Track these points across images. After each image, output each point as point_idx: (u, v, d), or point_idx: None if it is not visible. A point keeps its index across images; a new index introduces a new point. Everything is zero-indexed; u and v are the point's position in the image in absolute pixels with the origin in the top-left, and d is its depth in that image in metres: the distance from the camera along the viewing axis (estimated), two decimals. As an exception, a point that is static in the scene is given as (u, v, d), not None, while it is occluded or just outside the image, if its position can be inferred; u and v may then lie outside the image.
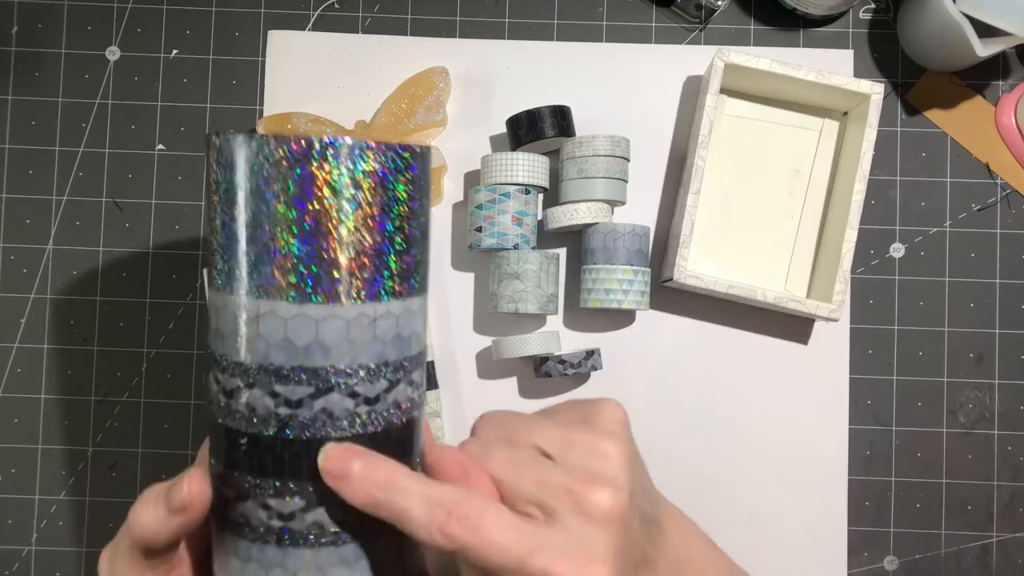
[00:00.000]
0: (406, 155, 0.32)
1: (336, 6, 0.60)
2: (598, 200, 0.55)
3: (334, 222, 0.30)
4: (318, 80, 0.59)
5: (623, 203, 0.57)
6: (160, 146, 0.60)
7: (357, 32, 0.60)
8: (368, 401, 0.31)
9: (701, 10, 0.60)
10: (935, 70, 0.60)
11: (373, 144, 0.31)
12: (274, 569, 0.31)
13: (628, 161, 0.56)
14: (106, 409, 0.59)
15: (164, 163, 0.60)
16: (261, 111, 0.60)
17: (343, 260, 0.30)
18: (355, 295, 0.31)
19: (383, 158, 0.31)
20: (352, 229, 0.30)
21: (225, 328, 0.31)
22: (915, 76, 0.60)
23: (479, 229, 0.55)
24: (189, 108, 0.60)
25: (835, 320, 0.54)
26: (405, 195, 0.32)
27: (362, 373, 0.31)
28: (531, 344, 0.55)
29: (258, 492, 0.31)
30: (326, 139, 0.30)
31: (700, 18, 0.60)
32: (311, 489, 0.31)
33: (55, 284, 0.59)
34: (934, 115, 0.60)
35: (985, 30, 0.54)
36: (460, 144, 0.59)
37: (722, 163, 0.59)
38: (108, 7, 0.60)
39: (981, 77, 0.60)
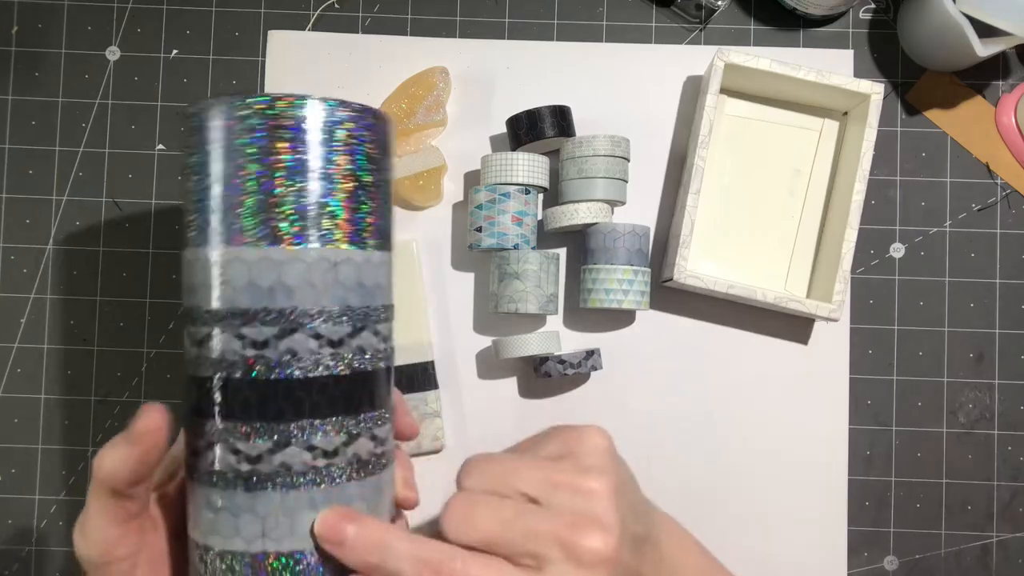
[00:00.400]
0: (370, 117, 0.34)
1: (336, 6, 0.60)
2: (598, 200, 0.55)
3: (296, 173, 0.32)
4: (318, 80, 0.59)
5: (623, 203, 0.57)
6: (160, 146, 0.60)
7: (357, 32, 0.60)
8: (332, 343, 0.33)
9: (701, 10, 0.60)
10: (935, 70, 0.60)
11: (338, 102, 0.33)
12: (243, 515, 0.32)
13: (628, 161, 0.56)
14: (106, 409, 0.59)
15: (164, 163, 0.60)
16: (261, 111, 0.59)
17: (306, 208, 0.32)
18: (316, 240, 0.32)
19: (349, 118, 0.33)
20: (315, 180, 0.32)
21: (196, 280, 0.33)
22: (915, 76, 0.60)
23: (479, 229, 0.55)
24: (189, 108, 0.60)
25: (835, 320, 0.54)
26: (368, 153, 0.34)
27: (325, 315, 0.32)
28: (531, 344, 0.55)
29: (226, 437, 0.32)
30: (292, 95, 0.32)
31: (700, 18, 0.60)
32: (278, 430, 0.32)
33: (55, 284, 0.59)
34: (934, 115, 0.60)
35: (985, 30, 0.54)
36: (460, 144, 0.59)
37: (722, 163, 0.59)
38: (108, 7, 0.60)
39: (981, 77, 0.60)
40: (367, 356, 0.34)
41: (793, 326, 0.59)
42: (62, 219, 0.59)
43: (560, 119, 0.56)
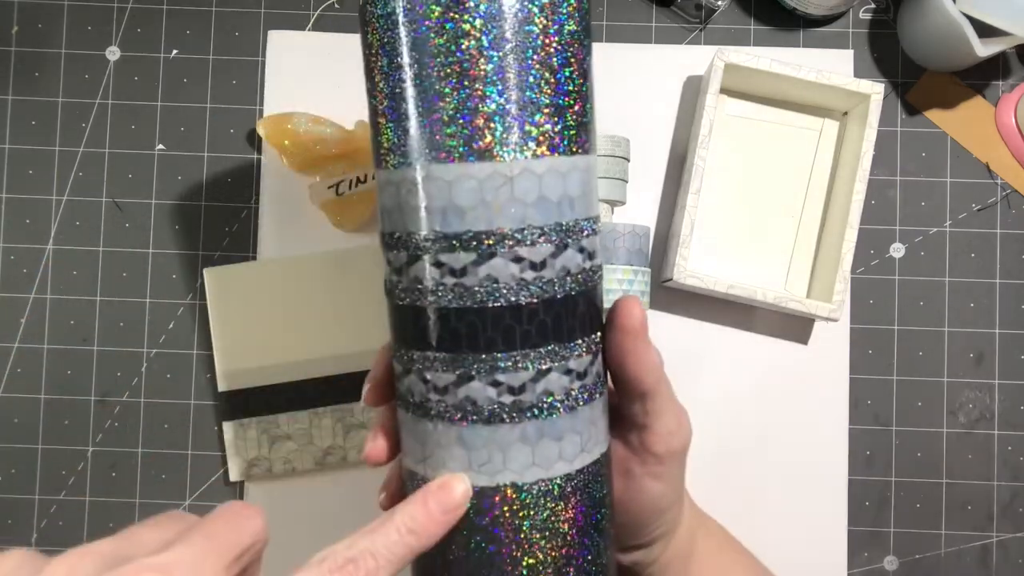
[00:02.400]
0: None
1: (336, 6, 0.60)
2: (598, 200, 0.55)
3: (492, 69, 0.28)
4: (318, 80, 0.59)
5: (623, 203, 0.57)
6: (160, 146, 0.60)
7: (357, 32, 0.60)
8: (535, 266, 0.30)
9: (701, 10, 0.60)
10: (935, 70, 0.60)
11: None
12: (452, 448, 0.30)
13: (628, 161, 0.56)
14: (106, 409, 0.59)
15: (164, 163, 0.60)
16: (261, 111, 0.60)
17: (507, 110, 0.29)
18: (520, 150, 0.29)
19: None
20: (517, 76, 0.29)
21: (389, 203, 0.30)
22: (915, 76, 0.60)
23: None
24: (189, 108, 0.60)
25: (835, 320, 0.54)
26: (577, 36, 0.30)
27: (529, 235, 0.29)
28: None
29: (427, 368, 0.30)
30: None
31: (700, 18, 0.60)
32: (480, 361, 0.30)
33: (55, 284, 0.59)
34: (934, 115, 0.60)
35: (985, 30, 0.54)
36: (460, 144, 0.59)
37: (722, 163, 0.59)
38: (108, 7, 0.60)
39: (981, 77, 0.60)
40: (573, 275, 0.31)
41: (793, 326, 0.59)
42: (62, 219, 0.59)
43: (560, 119, 0.56)
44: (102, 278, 0.59)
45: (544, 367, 0.30)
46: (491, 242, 0.29)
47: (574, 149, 0.30)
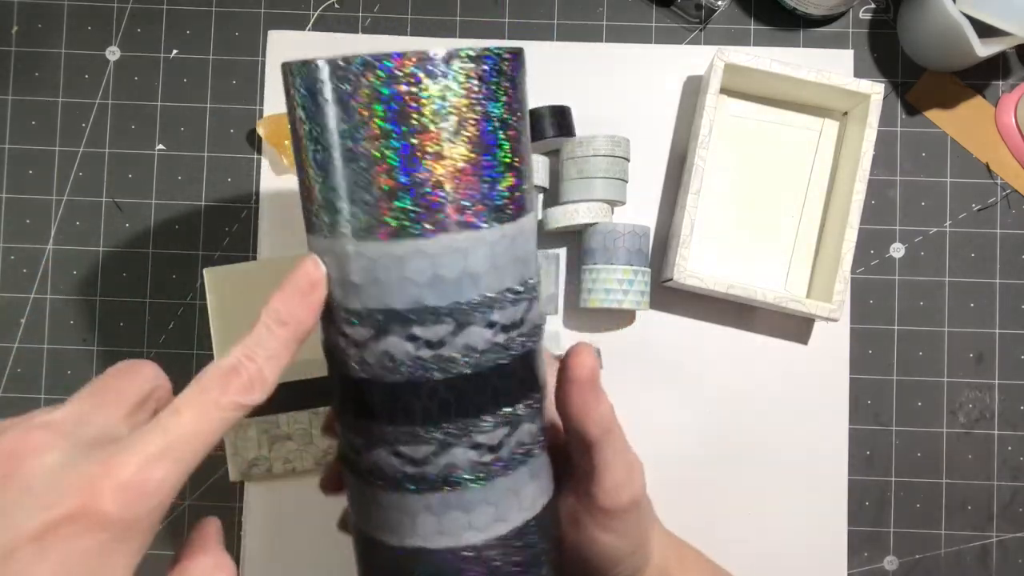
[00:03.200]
0: (506, 59, 0.29)
1: (336, 6, 0.60)
2: (598, 200, 0.55)
3: (448, 145, 0.27)
4: (318, 80, 0.59)
5: (623, 203, 0.57)
6: (160, 146, 0.60)
7: (357, 32, 0.60)
8: (516, 326, 0.30)
9: (701, 10, 0.60)
10: (935, 70, 0.60)
11: (471, 56, 0.28)
12: (355, 494, 0.31)
13: (628, 161, 0.56)
14: (106, 409, 0.58)
15: (164, 163, 0.60)
16: (261, 111, 0.60)
17: (494, 176, 0.28)
18: (494, 216, 0.28)
19: (487, 64, 0.28)
20: (470, 148, 0.28)
21: (364, 277, 0.29)
22: (915, 76, 0.60)
23: (479, 229, 0.55)
24: (189, 108, 0.60)
25: (835, 320, 0.54)
26: (513, 102, 0.29)
27: (504, 299, 0.29)
28: (531, 344, 0.55)
29: (391, 441, 0.30)
30: (430, 54, 0.27)
31: (700, 18, 0.60)
32: (449, 431, 0.29)
33: (55, 284, 0.59)
34: (934, 115, 0.60)
35: (985, 30, 0.54)
36: (460, 144, 0.59)
37: (722, 163, 0.59)
38: (108, 7, 0.60)
39: (981, 77, 0.60)
40: (538, 327, 0.31)
41: (793, 326, 0.59)
42: (62, 219, 0.59)
43: (560, 119, 0.56)
44: (102, 278, 0.59)
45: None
46: (382, 320, 0.29)
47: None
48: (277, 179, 0.59)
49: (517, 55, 0.29)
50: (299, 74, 0.29)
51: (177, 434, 0.26)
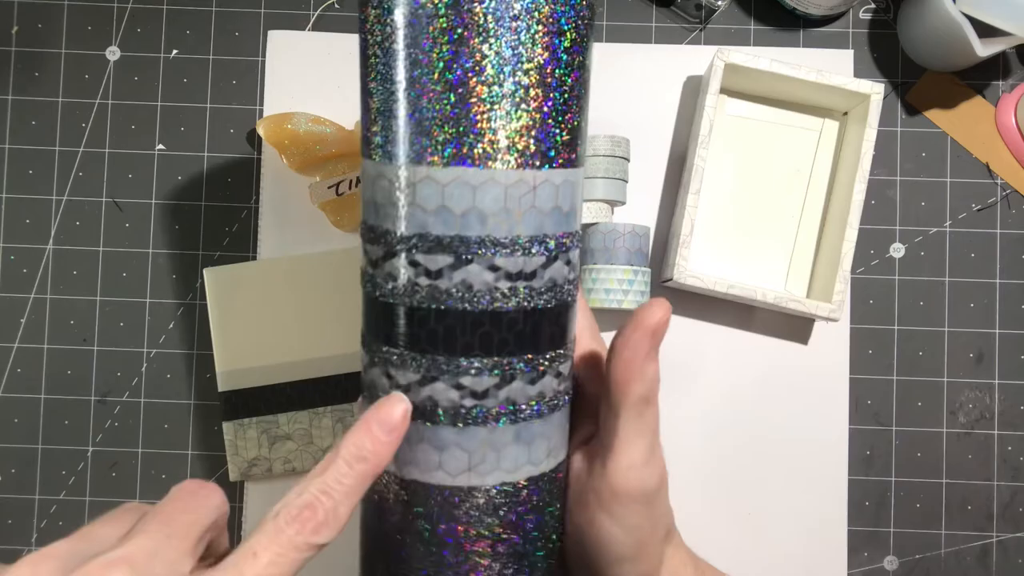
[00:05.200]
0: (580, 2, 0.29)
1: (336, 6, 0.60)
2: (598, 200, 0.55)
3: (495, 79, 0.28)
4: (318, 80, 0.59)
5: (623, 203, 0.57)
6: (160, 146, 0.60)
7: (357, 32, 0.60)
8: (519, 277, 0.29)
9: (701, 10, 0.60)
10: (935, 70, 0.60)
11: None
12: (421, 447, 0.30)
13: (628, 161, 0.56)
14: (106, 409, 0.59)
15: (164, 163, 0.60)
16: (261, 111, 0.60)
17: (506, 120, 0.28)
18: (514, 160, 0.28)
19: (555, 5, 0.28)
20: (516, 86, 0.28)
21: (371, 196, 0.30)
22: (915, 76, 0.60)
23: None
24: (189, 108, 0.60)
25: (835, 320, 0.54)
26: (574, 47, 0.29)
27: (516, 246, 0.29)
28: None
29: (391, 364, 0.30)
30: None
31: (700, 18, 0.60)
32: (454, 363, 0.30)
33: (55, 284, 0.59)
34: (934, 115, 0.60)
35: (985, 30, 0.54)
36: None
37: (722, 163, 0.59)
38: (108, 7, 0.60)
39: (981, 77, 0.60)
40: (558, 289, 0.30)
41: (793, 326, 0.59)
42: (62, 219, 0.59)
43: (560, 119, 0.56)
44: (102, 278, 0.59)
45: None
46: (472, 248, 0.29)
47: (568, 162, 0.30)
48: (277, 179, 0.59)
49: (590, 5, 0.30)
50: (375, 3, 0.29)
51: None
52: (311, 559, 0.26)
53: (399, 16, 0.28)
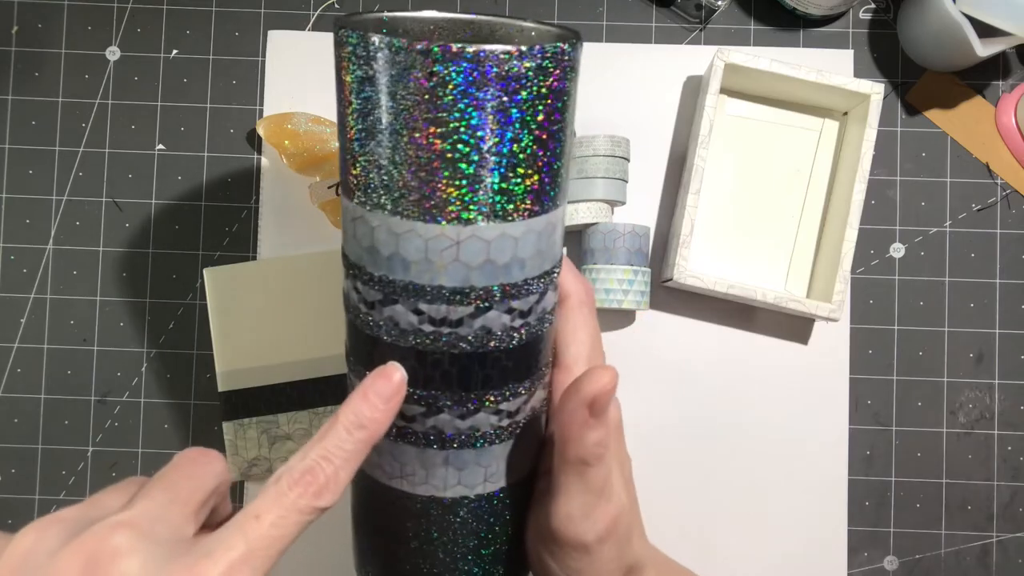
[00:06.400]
0: (570, 49, 0.29)
1: (336, 6, 0.60)
2: (598, 200, 0.55)
3: (462, 135, 0.28)
4: (318, 80, 0.59)
5: (623, 203, 0.57)
6: (160, 146, 0.60)
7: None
8: (449, 323, 0.30)
9: (701, 10, 0.60)
10: (935, 70, 0.60)
11: (512, 51, 0.27)
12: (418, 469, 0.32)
13: (628, 161, 0.56)
14: (106, 409, 0.59)
15: (164, 163, 0.60)
16: (261, 111, 0.60)
17: (434, 178, 0.28)
18: (441, 215, 0.29)
19: (548, 58, 0.28)
20: (525, 142, 0.28)
21: (343, 225, 0.31)
22: (915, 76, 0.60)
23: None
24: (189, 108, 0.60)
25: (835, 320, 0.54)
26: (566, 96, 0.29)
27: (524, 286, 0.30)
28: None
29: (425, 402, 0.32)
30: (514, 52, 0.27)
31: (700, 18, 0.60)
32: (440, 398, 0.31)
33: (55, 284, 0.59)
34: (934, 115, 0.60)
35: (985, 30, 0.54)
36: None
37: (722, 163, 0.59)
38: (108, 7, 0.60)
39: (981, 77, 0.60)
40: (495, 336, 0.31)
41: (793, 326, 0.59)
42: (62, 219, 0.59)
43: (560, 119, 0.56)
44: (102, 278, 0.59)
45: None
46: (397, 290, 0.30)
47: (518, 214, 0.29)
48: (277, 179, 0.59)
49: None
50: (384, 47, 0.27)
51: (257, 540, 0.25)
52: (311, 523, 0.27)
53: (378, 70, 0.28)
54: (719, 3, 0.59)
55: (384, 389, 0.29)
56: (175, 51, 0.60)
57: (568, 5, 0.60)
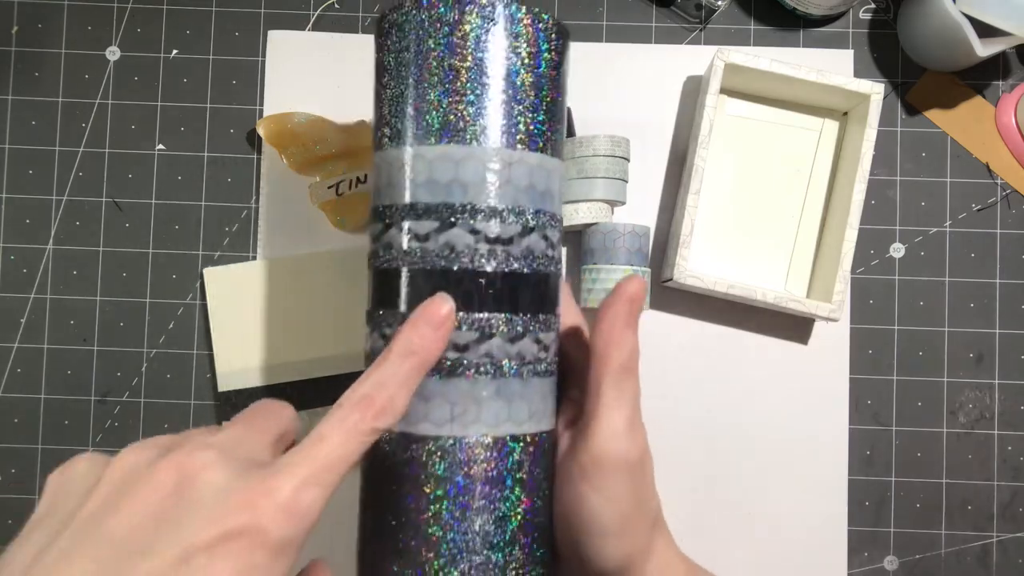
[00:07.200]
0: (554, 32, 0.36)
1: (336, 6, 0.60)
2: (598, 200, 0.55)
3: (478, 76, 0.34)
4: (318, 80, 0.59)
5: (623, 203, 0.57)
6: (160, 146, 0.60)
7: (357, 32, 0.60)
8: (498, 241, 0.34)
9: (701, 10, 0.60)
10: (935, 70, 0.60)
11: (524, 13, 0.35)
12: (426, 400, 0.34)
13: (628, 161, 0.56)
14: (106, 409, 0.59)
15: (164, 163, 0.60)
16: (261, 111, 0.60)
17: (483, 108, 0.34)
18: (496, 140, 0.34)
19: (534, 31, 0.35)
20: (495, 82, 0.34)
21: (381, 180, 0.35)
22: (915, 76, 0.60)
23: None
24: (189, 108, 0.60)
25: (835, 320, 0.54)
26: (547, 67, 0.35)
27: (494, 213, 0.34)
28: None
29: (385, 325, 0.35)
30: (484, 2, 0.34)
31: (700, 18, 0.60)
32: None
33: (55, 284, 0.59)
34: (934, 115, 0.60)
35: (985, 30, 0.54)
36: (460, 144, 0.59)
37: (722, 163, 0.59)
38: (108, 7, 0.60)
39: (981, 77, 0.60)
40: (535, 259, 0.35)
41: (793, 326, 0.59)
42: (62, 219, 0.59)
43: (560, 119, 0.56)
44: (102, 278, 0.59)
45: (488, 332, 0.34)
46: (455, 213, 0.33)
47: (544, 150, 0.35)
48: (277, 179, 0.59)
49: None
50: (388, 19, 0.35)
51: (324, 459, 0.28)
52: (372, 443, 0.30)
53: (409, 44, 0.35)
54: (719, 3, 0.59)
55: (433, 317, 0.32)
56: (175, 51, 0.60)
57: (568, 5, 0.60)
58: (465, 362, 0.33)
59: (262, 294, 0.57)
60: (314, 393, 0.57)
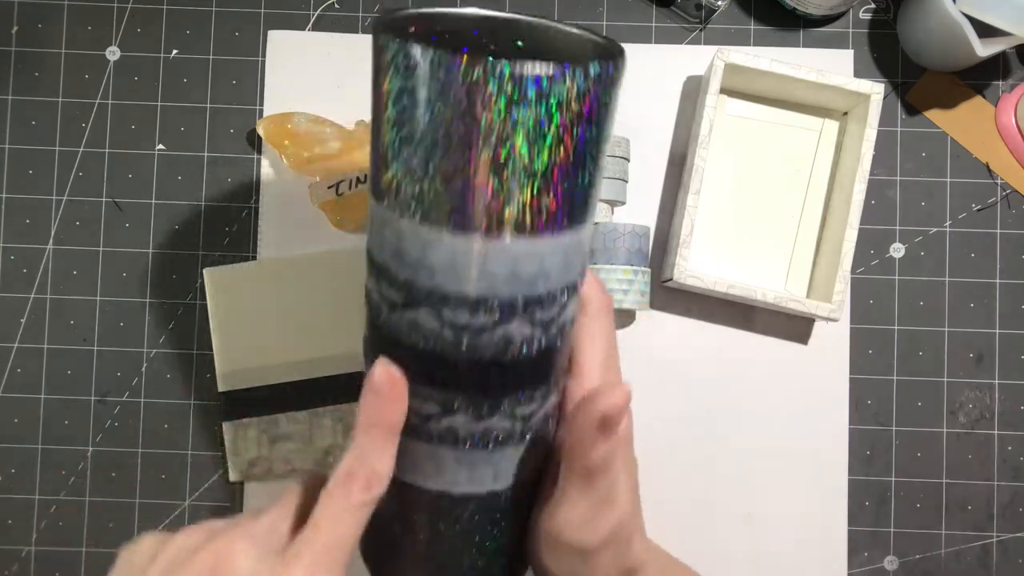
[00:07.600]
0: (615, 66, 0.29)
1: (336, 6, 0.60)
2: (598, 200, 0.55)
3: (494, 153, 0.28)
4: (318, 80, 0.59)
5: (623, 203, 0.57)
6: (160, 146, 0.60)
7: (357, 32, 0.60)
8: (473, 330, 0.30)
9: (701, 10, 0.60)
10: (935, 70, 0.60)
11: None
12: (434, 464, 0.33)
13: (628, 161, 0.56)
14: (106, 409, 0.59)
15: (164, 163, 0.60)
16: (261, 111, 0.60)
17: (580, 187, 0.29)
18: (563, 223, 0.29)
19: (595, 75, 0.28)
20: (560, 159, 0.28)
21: (369, 226, 0.32)
22: (915, 76, 0.60)
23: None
24: (189, 108, 0.60)
25: (835, 320, 0.54)
26: (603, 115, 0.29)
27: (467, 302, 0.30)
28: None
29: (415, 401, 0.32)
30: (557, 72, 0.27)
31: (700, 18, 0.60)
32: (458, 400, 0.32)
33: (55, 284, 0.59)
34: (934, 115, 0.60)
35: (985, 30, 0.54)
36: (460, 144, 0.59)
37: (722, 163, 0.59)
38: (108, 7, 0.60)
39: (981, 77, 0.60)
40: (513, 346, 0.31)
41: (793, 326, 0.59)
42: (62, 219, 0.59)
43: (560, 119, 0.56)
44: (102, 278, 0.59)
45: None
46: (421, 295, 0.30)
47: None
48: (277, 179, 0.59)
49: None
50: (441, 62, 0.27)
51: (322, 543, 0.30)
52: (369, 511, 0.31)
53: (418, 84, 0.28)
54: (719, 3, 0.59)
55: (373, 386, 0.31)
56: (175, 51, 0.60)
57: (568, 5, 0.60)
58: (429, 428, 0.32)
59: (262, 294, 0.57)
60: (314, 393, 0.57)
